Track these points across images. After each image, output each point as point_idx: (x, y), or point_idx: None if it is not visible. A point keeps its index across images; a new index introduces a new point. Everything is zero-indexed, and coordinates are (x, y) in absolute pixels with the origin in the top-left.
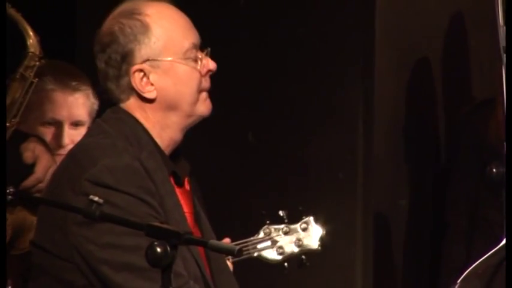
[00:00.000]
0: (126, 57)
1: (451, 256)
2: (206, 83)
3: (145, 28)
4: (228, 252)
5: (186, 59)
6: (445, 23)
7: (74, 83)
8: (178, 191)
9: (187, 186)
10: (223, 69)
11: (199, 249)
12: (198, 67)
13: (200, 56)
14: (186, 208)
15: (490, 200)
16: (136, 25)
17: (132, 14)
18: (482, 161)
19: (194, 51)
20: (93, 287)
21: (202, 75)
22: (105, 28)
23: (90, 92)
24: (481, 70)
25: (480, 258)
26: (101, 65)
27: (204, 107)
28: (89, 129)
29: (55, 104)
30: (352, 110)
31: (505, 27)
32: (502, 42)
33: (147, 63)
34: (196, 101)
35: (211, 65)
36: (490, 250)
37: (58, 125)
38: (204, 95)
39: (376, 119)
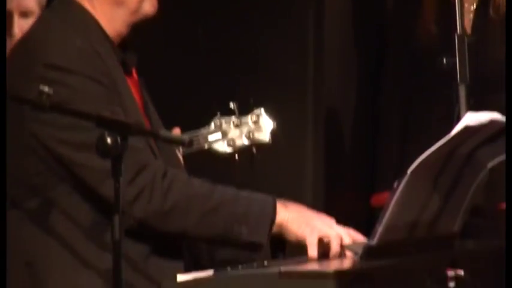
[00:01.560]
0: None
1: (389, 154)
2: None
3: None
4: (178, 142)
5: None
6: None
7: None
8: (127, 79)
9: (135, 75)
10: None
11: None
12: None
13: None
14: (136, 95)
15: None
16: None
17: None
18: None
19: None
20: (52, 170)
21: None
22: None
23: None
24: None
25: (418, 152)
26: None
27: (149, 5)
28: (38, 18)
29: None
30: (303, 2)
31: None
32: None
33: None
34: None
35: None
36: (428, 145)
37: (7, 15)
38: None
39: (327, 11)
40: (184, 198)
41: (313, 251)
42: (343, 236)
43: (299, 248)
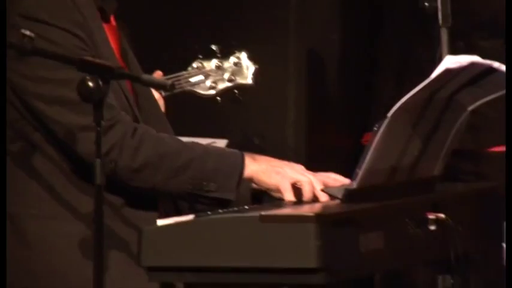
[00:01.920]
0: None
1: (381, 94)
2: None
3: None
4: (160, 86)
5: None
6: None
7: None
8: (105, 26)
9: (113, 22)
10: None
11: (127, 85)
12: None
13: None
14: (113, 44)
15: (421, 40)
16: None
17: None
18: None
19: None
20: (26, 119)
21: None
22: None
23: None
24: None
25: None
26: None
27: None
28: None
29: None
30: None
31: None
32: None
33: None
34: None
35: None
36: None
37: None
38: None
39: None
40: (154, 156)
41: (289, 196)
42: (313, 181)
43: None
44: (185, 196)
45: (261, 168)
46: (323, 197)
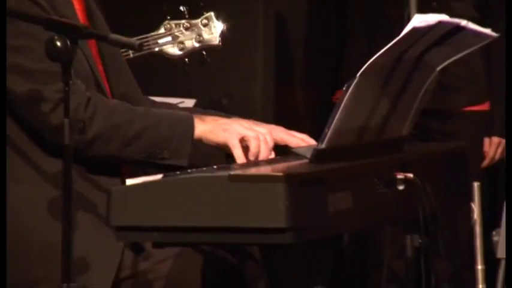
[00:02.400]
0: None
1: (352, 55)
2: None
3: None
4: (128, 46)
5: None
6: None
7: None
8: None
9: None
10: None
11: (92, 47)
12: None
13: None
14: (77, 5)
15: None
16: None
17: None
18: None
19: None
20: None
21: None
22: None
23: None
24: None
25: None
26: None
27: None
28: None
29: None
30: None
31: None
32: None
33: None
34: None
35: None
36: None
37: None
38: None
39: None
40: (107, 127)
41: (237, 151)
42: (266, 135)
43: None
44: (140, 163)
45: (209, 128)
46: (267, 154)
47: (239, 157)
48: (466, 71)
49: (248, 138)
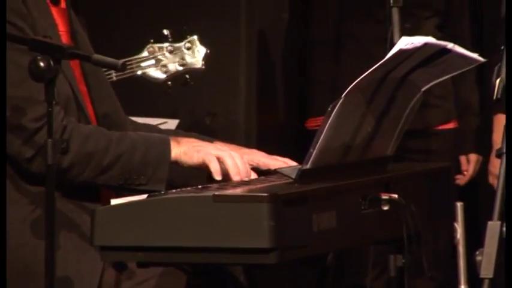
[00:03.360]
0: None
1: (316, 73)
2: None
3: None
4: (111, 66)
5: None
6: None
7: None
8: (53, 9)
9: (63, 4)
10: None
11: (74, 67)
12: None
13: None
14: (61, 27)
15: (356, 15)
16: None
17: None
18: None
19: None
20: None
21: None
22: None
23: None
24: None
25: (349, 74)
26: None
27: None
28: None
29: None
30: None
31: None
32: None
33: None
34: None
35: None
36: (359, 66)
37: None
38: None
39: None
40: (81, 156)
41: (215, 166)
42: (236, 157)
43: None
44: (119, 188)
45: (183, 150)
46: (246, 170)
47: (216, 170)
48: (440, 89)
49: (223, 158)
